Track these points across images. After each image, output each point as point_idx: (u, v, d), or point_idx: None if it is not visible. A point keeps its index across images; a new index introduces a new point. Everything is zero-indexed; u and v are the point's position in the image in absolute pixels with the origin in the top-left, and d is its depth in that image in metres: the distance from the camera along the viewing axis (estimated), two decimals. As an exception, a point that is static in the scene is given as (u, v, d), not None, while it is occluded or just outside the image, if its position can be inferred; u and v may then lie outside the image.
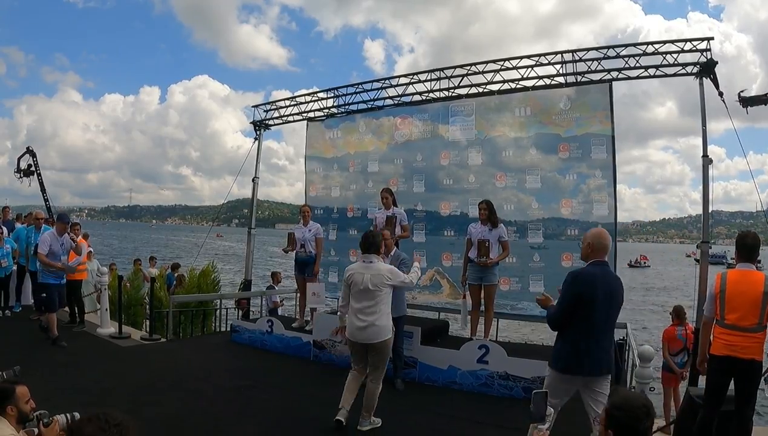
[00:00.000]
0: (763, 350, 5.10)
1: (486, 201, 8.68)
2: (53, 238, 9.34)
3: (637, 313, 33.78)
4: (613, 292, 4.77)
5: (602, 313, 4.68)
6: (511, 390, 7.38)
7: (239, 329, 10.43)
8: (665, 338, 8.98)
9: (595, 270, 4.75)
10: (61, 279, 9.58)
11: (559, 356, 4.83)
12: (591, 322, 4.65)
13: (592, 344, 4.66)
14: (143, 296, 14.44)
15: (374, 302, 5.81)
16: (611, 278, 4.86)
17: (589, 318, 4.64)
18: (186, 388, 7.31)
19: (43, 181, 27.44)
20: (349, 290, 5.97)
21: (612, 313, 4.80)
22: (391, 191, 9.57)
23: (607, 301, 4.69)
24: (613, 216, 9.97)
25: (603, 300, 4.66)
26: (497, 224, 8.53)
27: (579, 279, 4.74)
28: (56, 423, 3.47)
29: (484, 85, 11.29)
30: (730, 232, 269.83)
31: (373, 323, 5.78)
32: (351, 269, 6.05)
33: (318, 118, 13.86)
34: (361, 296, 5.83)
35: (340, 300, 6.37)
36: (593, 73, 10.24)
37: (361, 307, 5.83)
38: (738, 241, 5.47)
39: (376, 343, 5.85)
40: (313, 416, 6.53)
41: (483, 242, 8.37)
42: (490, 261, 8.32)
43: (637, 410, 2.71)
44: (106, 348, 9.48)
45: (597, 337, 4.70)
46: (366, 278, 5.82)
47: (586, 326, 4.66)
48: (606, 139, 9.92)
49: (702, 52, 9.41)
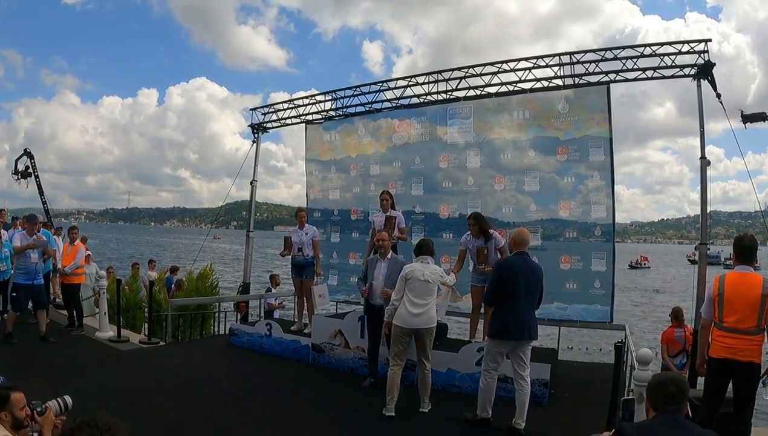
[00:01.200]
0: (761, 353, 5.10)
1: (473, 215, 8.66)
2: (23, 238, 9.62)
3: (638, 315, 33.77)
4: (531, 275, 6.22)
5: (523, 291, 6.09)
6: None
7: (238, 332, 10.41)
8: (664, 340, 9.00)
9: (516, 259, 6.31)
10: (33, 279, 9.60)
11: (492, 327, 6.27)
12: (514, 299, 6.07)
13: (515, 316, 6.07)
14: (142, 300, 14.42)
15: (430, 294, 6.77)
16: (530, 264, 6.36)
17: (512, 296, 6.06)
18: (185, 392, 7.30)
19: (41, 183, 27.42)
20: (405, 284, 6.72)
21: (532, 291, 6.20)
22: (391, 194, 9.57)
23: (526, 282, 6.11)
24: (612, 217, 9.98)
25: (523, 282, 6.09)
26: (490, 236, 8.52)
27: (502, 266, 6.44)
28: (50, 411, 3.49)
29: (482, 87, 11.30)
30: (729, 232, 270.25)
31: (428, 311, 6.70)
32: (411, 267, 6.87)
33: (316, 120, 13.87)
34: (419, 288, 6.67)
35: (395, 294, 6.84)
36: (591, 75, 10.25)
37: (417, 298, 6.65)
38: (735, 243, 5.48)
39: (429, 328, 6.76)
40: (312, 420, 6.53)
41: (481, 249, 8.39)
42: (489, 269, 8.31)
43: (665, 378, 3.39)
44: (104, 352, 9.45)
45: (520, 310, 6.09)
46: (426, 273, 6.73)
47: (511, 302, 6.08)
48: (604, 141, 9.93)
49: (699, 53, 9.42)
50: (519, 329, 6.06)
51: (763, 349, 5.13)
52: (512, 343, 6.17)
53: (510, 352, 6.25)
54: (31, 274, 9.53)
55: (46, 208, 27.76)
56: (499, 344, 6.21)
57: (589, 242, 10.18)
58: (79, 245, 11.19)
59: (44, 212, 26.66)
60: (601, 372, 8.86)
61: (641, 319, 32.26)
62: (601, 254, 9.99)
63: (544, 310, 10.26)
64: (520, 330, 6.07)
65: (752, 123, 9.68)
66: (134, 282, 15.29)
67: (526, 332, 6.12)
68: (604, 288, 9.91)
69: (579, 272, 10.16)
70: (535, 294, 6.27)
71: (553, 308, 10.29)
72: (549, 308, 10.31)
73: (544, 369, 7.28)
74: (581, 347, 18.59)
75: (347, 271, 12.81)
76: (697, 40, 9.52)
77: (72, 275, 10.87)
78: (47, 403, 3.55)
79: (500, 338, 6.18)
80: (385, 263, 7.74)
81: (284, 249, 9.98)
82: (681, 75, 9.65)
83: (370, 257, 8.22)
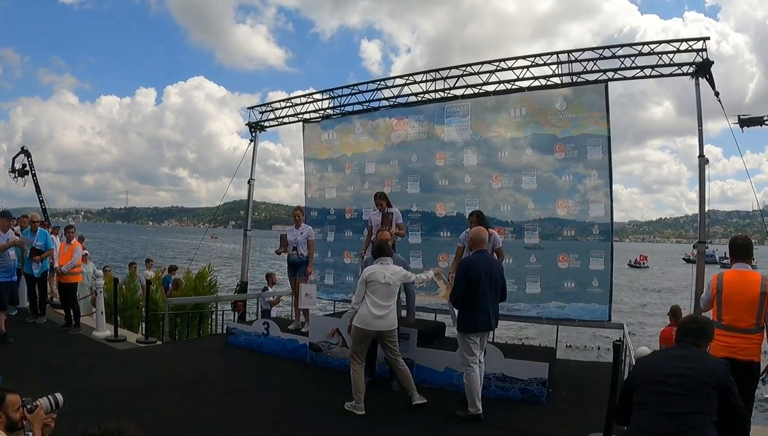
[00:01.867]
0: (761, 351, 5.09)
1: (475, 213, 8.64)
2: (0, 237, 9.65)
3: (638, 314, 33.80)
4: (492, 272, 6.68)
5: (486, 287, 6.54)
6: (508, 391, 7.35)
7: (235, 332, 10.39)
8: (662, 339, 8.98)
9: (477, 257, 6.76)
10: (11, 277, 9.69)
11: (462, 322, 6.65)
12: (478, 294, 6.49)
13: (481, 310, 6.52)
14: (139, 299, 14.39)
15: (392, 296, 6.95)
16: (491, 261, 6.92)
17: (476, 292, 6.48)
18: (182, 391, 7.27)
19: (39, 182, 27.38)
20: (366, 287, 6.85)
21: (494, 286, 6.67)
22: (385, 195, 9.52)
23: (488, 278, 6.58)
24: (610, 216, 9.96)
25: (485, 278, 6.55)
26: (489, 235, 8.52)
27: (466, 265, 6.74)
28: (40, 408, 3.48)
29: (480, 86, 11.28)
30: (727, 231, 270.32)
31: (390, 313, 6.87)
32: (372, 269, 7.00)
33: (313, 119, 13.85)
34: (381, 290, 6.81)
35: (355, 297, 6.97)
36: (589, 74, 10.25)
37: (381, 300, 6.80)
38: (730, 243, 5.49)
39: (391, 330, 6.94)
40: (310, 419, 6.51)
41: None
42: None
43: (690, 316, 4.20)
44: (101, 351, 9.41)
45: (484, 305, 6.54)
46: (386, 275, 6.89)
47: (475, 298, 6.50)
48: (602, 140, 9.91)
49: (698, 52, 9.42)
50: (486, 321, 6.61)
51: (763, 347, 5.12)
52: (481, 334, 6.72)
53: (479, 340, 6.75)
54: (10, 271, 9.63)
55: (43, 207, 27.73)
56: (470, 336, 6.63)
57: (587, 241, 10.16)
58: (76, 244, 11.17)
59: (42, 211, 26.63)
60: (600, 371, 8.85)
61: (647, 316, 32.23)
62: (599, 252, 9.97)
63: (543, 309, 10.30)
64: (486, 322, 6.64)
65: (749, 127, 9.71)
66: (131, 281, 15.25)
67: (493, 323, 6.82)
68: (602, 287, 9.89)
69: (577, 271, 10.15)
70: (497, 288, 6.77)
71: (551, 307, 10.29)
72: (547, 306, 10.32)
73: (543, 368, 7.26)
74: (579, 346, 18.66)
75: (343, 270, 12.79)
76: (695, 38, 9.51)
77: (69, 275, 10.84)
78: (38, 400, 3.53)
79: (472, 332, 6.61)
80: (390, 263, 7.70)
81: (280, 247, 10.00)
82: (679, 73, 9.66)
83: (369, 256, 8.16)
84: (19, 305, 11.54)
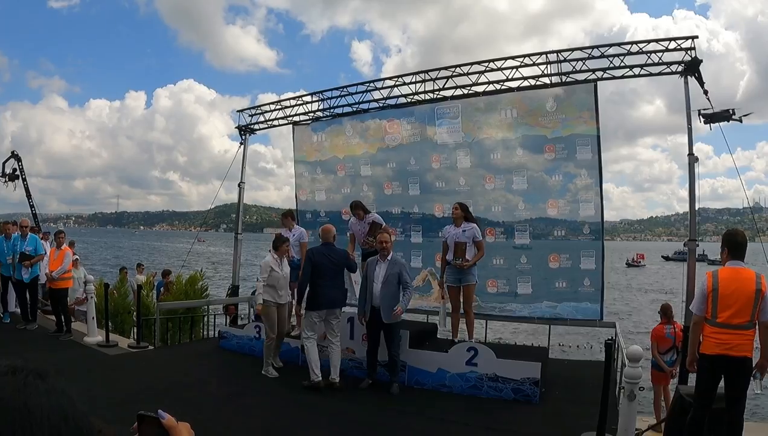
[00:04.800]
0: (753, 348, 5.10)
1: (459, 203, 8.84)
2: None
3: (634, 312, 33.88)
4: (334, 259, 7.97)
5: (328, 272, 7.82)
6: (501, 392, 7.35)
7: (227, 335, 10.36)
8: (654, 337, 8.97)
9: (321, 248, 8.08)
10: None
11: (308, 300, 7.81)
12: (321, 278, 7.76)
13: (323, 291, 7.75)
14: (130, 304, 14.32)
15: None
16: (334, 250, 8.12)
17: (320, 276, 7.77)
18: (174, 396, 7.24)
19: (29, 187, 27.22)
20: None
21: (336, 272, 7.97)
22: (361, 204, 9.55)
23: (330, 265, 7.86)
24: (600, 215, 9.98)
25: (327, 264, 7.84)
26: (470, 225, 8.61)
27: (309, 254, 8.06)
28: None
29: (470, 86, 11.28)
30: (718, 229, 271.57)
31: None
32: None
33: (303, 121, 13.81)
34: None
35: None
36: (578, 73, 10.27)
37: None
38: (727, 239, 5.45)
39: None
40: (303, 422, 6.50)
41: (459, 244, 8.42)
42: (467, 264, 8.35)
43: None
44: (93, 357, 9.37)
45: (326, 287, 7.77)
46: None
47: (318, 280, 7.76)
48: (591, 139, 9.93)
49: (686, 50, 9.44)
50: (329, 300, 7.83)
51: (754, 344, 5.14)
52: (324, 312, 7.87)
53: (324, 320, 7.93)
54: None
55: (34, 212, 27.55)
56: (314, 314, 7.85)
57: (578, 240, 10.18)
58: (66, 250, 11.11)
59: (32, 217, 26.49)
60: (592, 370, 8.86)
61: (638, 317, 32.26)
62: (590, 252, 9.99)
63: (534, 309, 10.30)
64: (330, 301, 7.85)
65: (715, 123, 9.65)
66: (122, 286, 15.18)
67: (334, 303, 7.96)
68: (593, 286, 9.91)
69: (568, 271, 10.16)
70: (340, 274, 8.08)
71: (543, 307, 10.30)
72: (539, 306, 10.33)
73: (535, 368, 7.27)
74: (572, 345, 18.66)
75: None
76: (684, 37, 9.55)
77: (59, 280, 10.79)
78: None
79: (315, 309, 7.83)
80: (385, 265, 7.82)
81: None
82: (668, 72, 9.68)
83: (370, 258, 8.24)
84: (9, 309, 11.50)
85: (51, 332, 10.80)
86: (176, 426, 1.12)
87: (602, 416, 5.55)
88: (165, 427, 1.11)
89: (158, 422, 1.11)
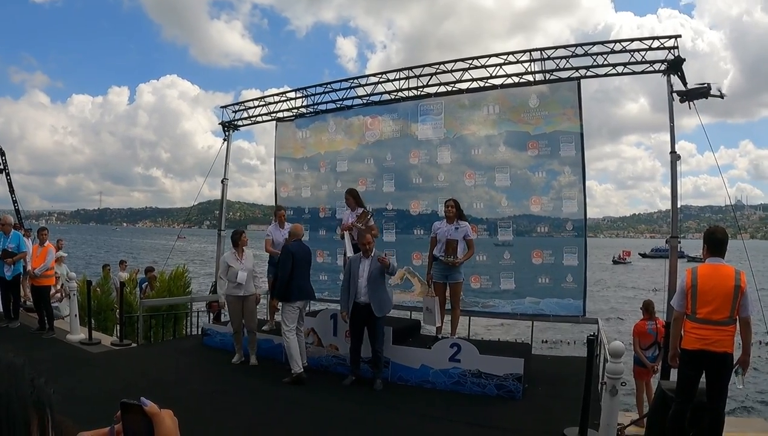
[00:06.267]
0: (734, 343, 5.16)
1: (453, 199, 8.77)
2: None
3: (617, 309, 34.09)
4: (303, 254, 8.42)
5: (298, 267, 8.18)
6: (484, 388, 7.38)
7: (210, 332, 10.34)
8: (636, 333, 9.03)
9: (293, 245, 8.40)
10: None
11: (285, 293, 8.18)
12: (292, 273, 8.10)
13: (294, 283, 8.13)
14: (113, 301, 14.24)
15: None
16: (302, 247, 8.54)
17: (291, 271, 8.09)
18: (156, 394, 7.12)
19: (12, 182, 26.96)
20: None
21: (304, 266, 8.40)
22: (353, 192, 9.55)
23: (299, 260, 8.24)
24: (583, 212, 10.01)
25: (298, 259, 8.21)
26: (462, 224, 8.61)
27: (284, 250, 8.45)
28: None
29: (453, 83, 11.28)
30: (700, 226, 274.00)
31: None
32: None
33: (287, 118, 13.77)
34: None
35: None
36: (562, 71, 10.29)
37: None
38: (707, 236, 5.52)
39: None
40: (286, 420, 6.49)
41: (451, 241, 8.39)
42: (458, 262, 8.36)
43: None
44: (76, 355, 9.31)
45: (297, 280, 8.16)
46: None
47: (289, 274, 8.10)
48: (575, 136, 9.95)
49: (669, 49, 9.49)
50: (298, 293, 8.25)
51: (735, 339, 5.19)
52: (298, 303, 8.27)
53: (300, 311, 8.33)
54: None
55: (16, 208, 27.30)
56: (292, 305, 8.17)
57: (561, 237, 10.20)
58: (49, 247, 11.03)
59: (15, 213, 26.24)
60: (575, 366, 8.89)
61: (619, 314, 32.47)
62: (573, 248, 10.02)
63: (517, 305, 10.33)
64: (298, 294, 8.26)
65: (693, 100, 9.60)
66: (105, 284, 15.09)
67: (302, 295, 8.37)
68: (576, 282, 9.94)
69: (551, 267, 10.18)
70: (307, 268, 8.56)
71: (525, 303, 10.32)
72: (522, 302, 10.35)
73: (518, 364, 7.30)
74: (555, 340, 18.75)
75: (317, 269, 12.70)
76: (667, 36, 9.60)
77: (42, 278, 10.72)
78: None
79: (291, 301, 8.17)
80: (369, 261, 7.86)
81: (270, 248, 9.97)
82: (651, 71, 9.72)
83: (353, 255, 8.31)
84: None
85: (33, 330, 10.73)
86: (159, 413, 1.13)
87: (585, 412, 5.59)
88: (148, 414, 1.12)
89: (141, 410, 1.11)
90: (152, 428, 1.12)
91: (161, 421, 1.13)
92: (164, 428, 1.13)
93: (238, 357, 9.09)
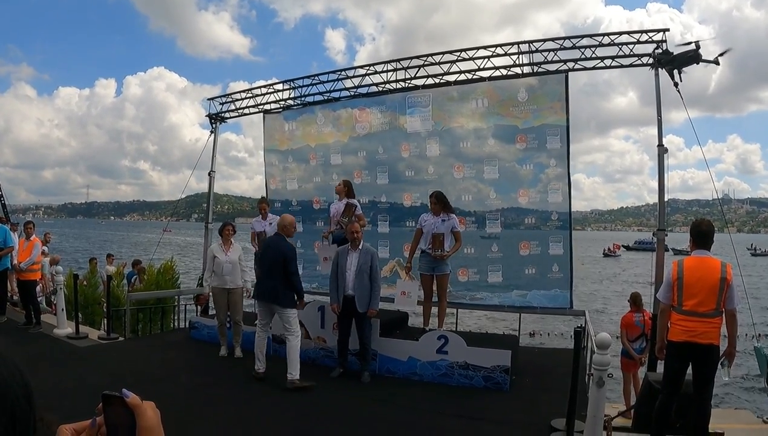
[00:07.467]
0: (720, 335, 5.19)
1: (435, 194, 8.77)
2: None
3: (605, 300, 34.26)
4: (278, 250, 7.66)
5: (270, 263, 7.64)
6: (471, 380, 7.40)
7: (198, 326, 10.31)
8: (623, 325, 9.09)
9: (270, 239, 8.19)
10: None
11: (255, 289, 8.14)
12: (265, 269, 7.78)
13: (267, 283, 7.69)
14: (100, 295, 14.18)
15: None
16: (281, 242, 7.78)
17: (262, 267, 7.89)
18: (145, 387, 7.09)
19: (-1, 176, 26.75)
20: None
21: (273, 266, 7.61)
22: (347, 183, 9.56)
23: (274, 256, 7.62)
24: (568, 203, 10.02)
25: (271, 255, 7.67)
26: (448, 216, 8.61)
27: (264, 244, 8.35)
28: None
29: (441, 75, 11.26)
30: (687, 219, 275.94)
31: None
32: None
33: (275, 110, 13.71)
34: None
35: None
36: (550, 64, 10.28)
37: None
38: (693, 228, 5.54)
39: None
40: (274, 412, 6.49)
41: (438, 235, 8.40)
42: (446, 255, 8.37)
43: None
44: (63, 349, 9.28)
45: (267, 280, 7.71)
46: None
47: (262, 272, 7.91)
48: (561, 130, 9.96)
49: (658, 43, 9.50)
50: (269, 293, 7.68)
51: (721, 332, 5.22)
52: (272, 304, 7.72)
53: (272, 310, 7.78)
54: None
55: (2, 202, 27.13)
56: (263, 304, 7.82)
57: (548, 228, 10.23)
58: (36, 241, 10.97)
59: (1, 207, 26.09)
60: (562, 357, 8.95)
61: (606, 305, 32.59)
62: (558, 238, 10.05)
63: (505, 297, 10.34)
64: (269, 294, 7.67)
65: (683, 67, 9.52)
66: (92, 277, 15.01)
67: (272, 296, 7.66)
68: (562, 272, 9.96)
69: (538, 257, 10.19)
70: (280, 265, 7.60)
71: (513, 296, 10.34)
72: (509, 295, 10.37)
73: (505, 356, 7.32)
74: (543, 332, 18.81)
75: (312, 261, 12.67)
76: (656, 30, 9.61)
77: (28, 272, 10.67)
78: None
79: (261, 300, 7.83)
80: (356, 254, 7.85)
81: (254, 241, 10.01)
82: (639, 64, 9.73)
83: (341, 247, 8.22)
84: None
85: (20, 325, 10.68)
86: (141, 405, 1.12)
87: (572, 403, 5.60)
88: (129, 406, 1.11)
89: (123, 402, 1.10)
90: (134, 419, 1.11)
91: (143, 412, 1.12)
92: (146, 419, 1.12)
93: (225, 350, 9.08)
